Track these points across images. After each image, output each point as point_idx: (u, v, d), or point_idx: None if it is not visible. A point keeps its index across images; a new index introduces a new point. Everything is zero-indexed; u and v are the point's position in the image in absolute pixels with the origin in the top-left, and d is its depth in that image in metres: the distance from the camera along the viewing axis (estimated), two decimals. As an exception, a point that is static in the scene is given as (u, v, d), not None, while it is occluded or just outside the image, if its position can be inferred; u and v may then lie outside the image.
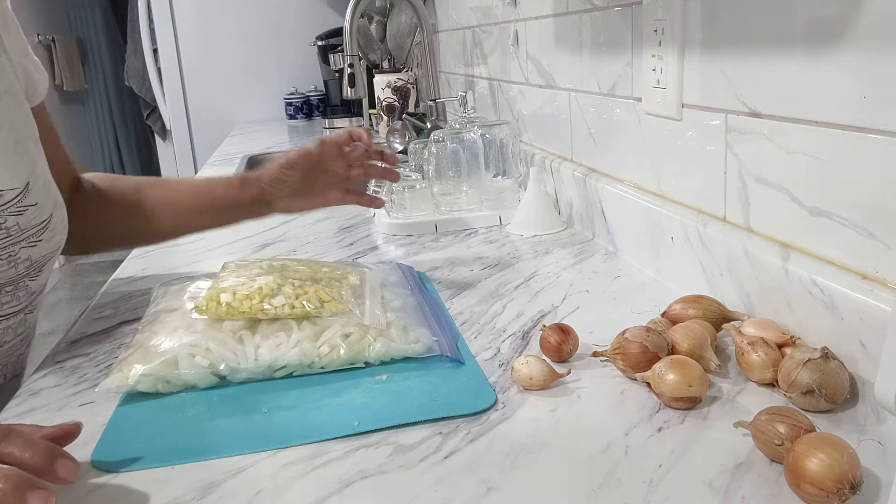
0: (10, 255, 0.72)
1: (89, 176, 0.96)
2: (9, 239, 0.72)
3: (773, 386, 0.61)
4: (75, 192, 0.93)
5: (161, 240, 0.99)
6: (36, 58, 0.85)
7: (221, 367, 0.66)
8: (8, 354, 0.77)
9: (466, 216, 1.20)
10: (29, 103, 0.80)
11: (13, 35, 0.79)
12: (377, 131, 2.36)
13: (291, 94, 3.12)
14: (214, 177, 0.97)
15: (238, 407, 0.63)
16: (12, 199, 0.71)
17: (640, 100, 0.94)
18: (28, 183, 0.73)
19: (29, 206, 0.73)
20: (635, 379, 0.63)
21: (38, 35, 4.77)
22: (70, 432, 0.54)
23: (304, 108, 3.11)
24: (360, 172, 0.96)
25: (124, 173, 5.63)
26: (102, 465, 0.55)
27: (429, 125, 1.75)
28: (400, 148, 1.84)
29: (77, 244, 0.92)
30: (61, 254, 0.85)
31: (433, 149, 1.26)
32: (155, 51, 3.38)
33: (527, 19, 1.33)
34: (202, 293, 0.73)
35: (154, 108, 4.12)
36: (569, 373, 0.65)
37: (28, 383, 0.71)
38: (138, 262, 1.10)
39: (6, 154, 0.71)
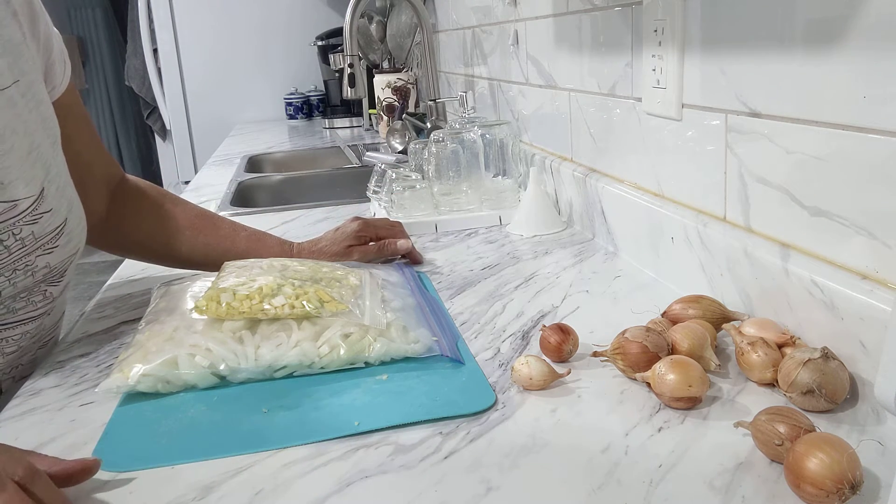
0: (27, 265, 0.71)
1: (136, 181, 0.96)
2: (24, 249, 0.71)
3: (773, 386, 0.61)
4: (119, 192, 0.93)
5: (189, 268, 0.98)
6: (63, 47, 0.83)
7: (221, 367, 0.66)
8: (19, 357, 0.76)
9: (466, 216, 1.20)
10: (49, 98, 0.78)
11: (42, 26, 0.77)
12: (377, 131, 2.36)
13: (291, 94, 3.12)
14: (264, 235, 0.98)
15: (238, 407, 0.63)
16: (27, 209, 0.70)
17: (640, 100, 0.94)
18: (43, 189, 0.72)
19: (43, 213, 0.72)
20: (635, 379, 0.63)
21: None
22: (88, 468, 0.52)
23: (304, 108, 3.11)
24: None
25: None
26: (102, 465, 0.55)
27: (429, 125, 1.75)
28: (400, 148, 1.84)
29: (107, 243, 0.93)
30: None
31: (433, 149, 1.26)
32: (155, 51, 3.38)
33: (527, 19, 1.33)
34: (202, 293, 0.73)
35: (154, 108, 4.12)
36: (569, 373, 0.65)
37: (28, 384, 0.71)
38: (138, 262, 1.10)
39: (20, 162, 0.69)
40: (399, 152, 1.83)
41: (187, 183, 2.09)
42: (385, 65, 2.36)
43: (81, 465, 0.52)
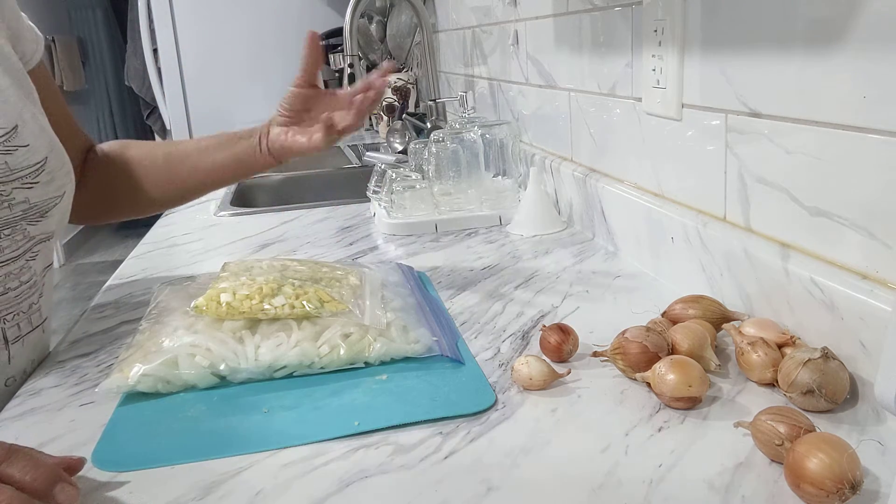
0: (2, 195, 0.72)
1: (102, 147, 0.97)
2: None
3: (773, 386, 0.61)
4: (85, 161, 0.94)
5: (164, 199, 0.98)
6: (30, 23, 0.86)
7: (221, 367, 0.66)
8: (17, 303, 0.76)
9: (466, 216, 1.20)
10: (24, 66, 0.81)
11: (8, 4, 0.81)
12: (377, 131, 2.36)
13: (291, 94, 3.11)
14: (220, 138, 0.97)
15: (238, 407, 0.63)
16: None
17: (640, 100, 0.94)
18: (16, 126, 0.73)
19: (19, 146, 0.73)
20: (635, 379, 0.63)
21: (38, 35, 4.76)
22: (73, 466, 0.53)
23: (305, 108, 3.10)
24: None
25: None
26: (102, 465, 0.55)
27: (429, 125, 1.75)
28: (400, 148, 1.84)
29: (84, 213, 0.93)
30: (73, 223, 0.85)
31: (433, 149, 1.26)
32: (155, 51, 3.38)
33: (527, 19, 1.33)
34: (202, 293, 0.73)
35: (154, 108, 4.13)
36: (569, 373, 0.65)
37: (28, 383, 0.71)
38: (138, 262, 1.10)
39: None
40: (399, 152, 1.83)
41: (187, 183, 2.09)
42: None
43: (65, 464, 0.53)
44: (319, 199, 1.49)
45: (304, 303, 0.70)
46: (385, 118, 2.17)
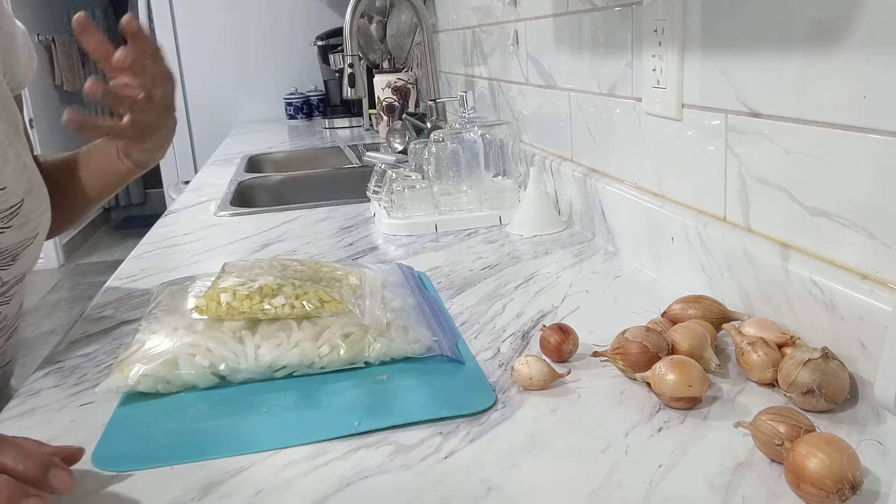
0: None
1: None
2: None
3: (773, 386, 0.61)
4: None
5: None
6: (30, 44, 0.82)
7: (221, 367, 0.66)
8: None
9: (466, 216, 1.20)
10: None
11: (6, 22, 0.77)
12: (377, 131, 2.36)
13: (291, 94, 3.12)
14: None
15: (238, 407, 0.63)
16: None
17: (640, 100, 0.94)
18: None
19: None
20: (635, 379, 0.63)
21: (38, 35, 4.76)
22: (71, 457, 0.53)
23: (304, 108, 3.11)
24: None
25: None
26: (102, 465, 0.55)
27: (429, 125, 1.75)
28: (400, 148, 1.84)
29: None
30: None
31: (433, 149, 1.26)
32: (155, 51, 3.37)
33: (527, 19, 1.33)
34: (202, 293, 0.73)
35: (154, 108, 4.12)
36: (569, 373, 0.65)
37: (28, 383, 0.71)
38: (138, 262, 1.10)
39: None
40: (399, 152, 1.83)
41: (187, 183, 2.09)
42: (385, 65, 2.36)
43: (64, 454, 0.52)
44: (319, 199, 1.49)
45: (304, 303, 0.70)
46: (385, 118, 2.17)
